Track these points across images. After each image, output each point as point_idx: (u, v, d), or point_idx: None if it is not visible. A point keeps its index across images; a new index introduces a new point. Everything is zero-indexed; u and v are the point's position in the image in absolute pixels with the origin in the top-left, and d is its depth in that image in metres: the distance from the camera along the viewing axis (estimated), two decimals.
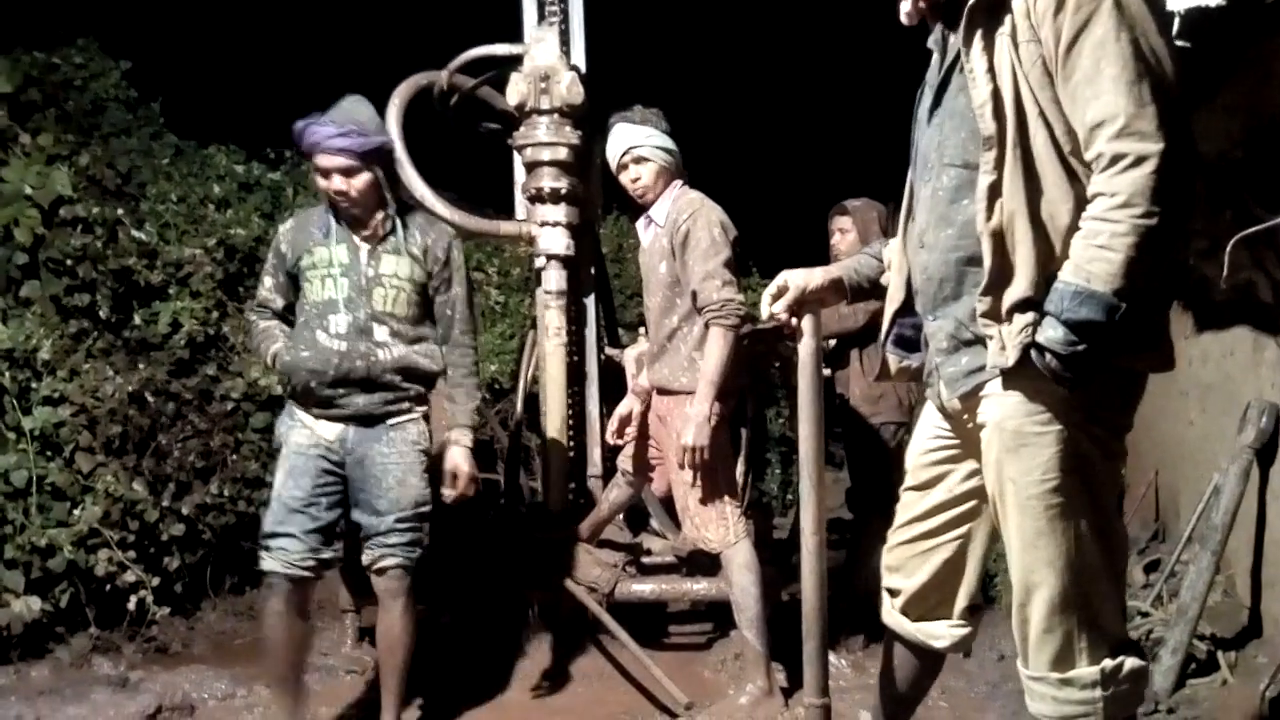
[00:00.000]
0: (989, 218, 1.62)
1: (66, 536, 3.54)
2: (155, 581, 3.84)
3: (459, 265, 2.92)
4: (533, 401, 4.30)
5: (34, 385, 3.70)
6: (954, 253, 1.74)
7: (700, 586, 3.54)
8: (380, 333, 2.80)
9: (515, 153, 3.86)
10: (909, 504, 2.02)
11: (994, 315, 1.64)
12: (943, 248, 1.76)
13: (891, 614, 2.08)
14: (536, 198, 3.72)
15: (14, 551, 3.42)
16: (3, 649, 3.40)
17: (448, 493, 2.89)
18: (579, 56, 3.89)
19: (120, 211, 4.39)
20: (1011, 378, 1.64)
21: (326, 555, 2.85)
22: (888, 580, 2.08)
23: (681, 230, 3.10)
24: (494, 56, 3.83)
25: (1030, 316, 1.59)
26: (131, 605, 3.75)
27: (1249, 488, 3.03)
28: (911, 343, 1.94)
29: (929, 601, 2.02)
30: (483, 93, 3.96)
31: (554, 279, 3.74)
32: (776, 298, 2.01)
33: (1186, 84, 1.58)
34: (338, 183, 2.73)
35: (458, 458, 2.89)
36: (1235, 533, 3.03)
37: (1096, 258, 1.52)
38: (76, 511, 3.63)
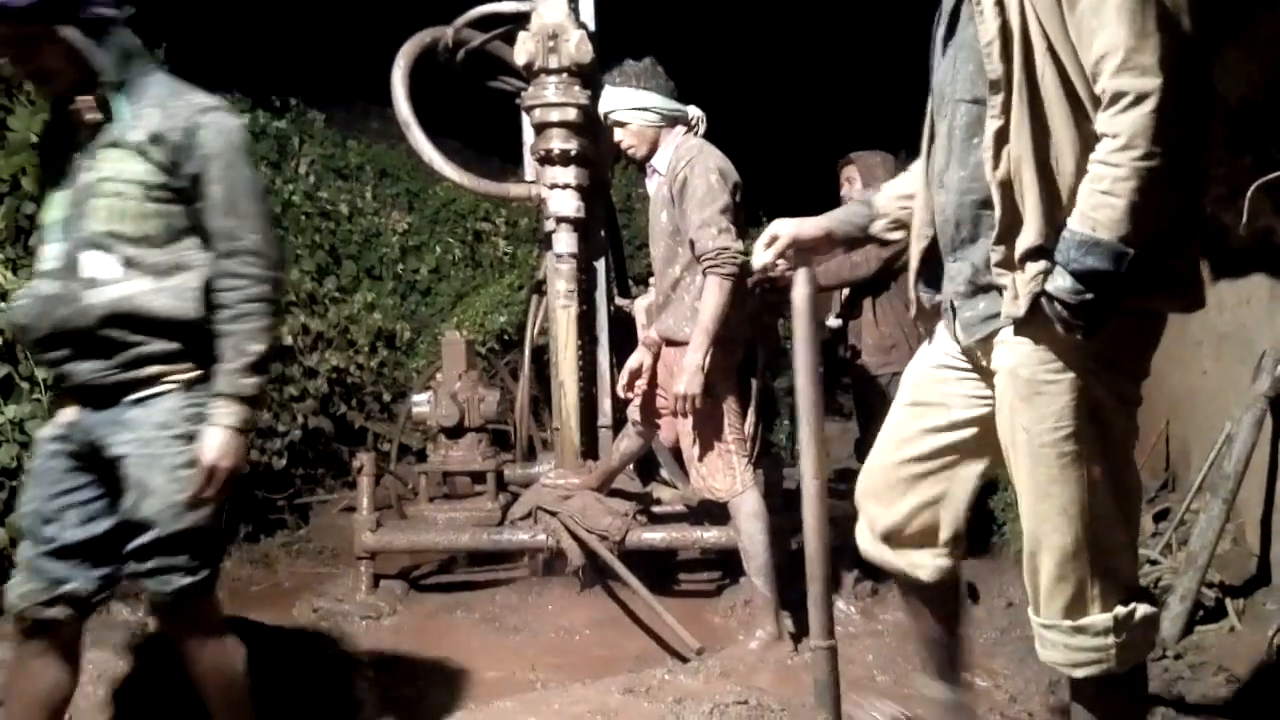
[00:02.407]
0: (996, 165, 1.58)
1: None
2: None
3: (218, 153, 1.96)
4: (540, 354, 4.31)
5: None
6: (968, 195, 1.70)
7: (710, 534, 3.56)
8: (95, 265, 1.94)
9: (524, 113, 3.81)
10: (901, 422, 1.96)
11: (1007, 264, 1.61)
12: (958, 189, 1.72)
13: (872, 543, 2.01)
14: (546, 159, 3.67)
15: None
16: None
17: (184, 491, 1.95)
18: (588, 14, 3.82)
19: None
20: (1025, 326, 1.62)
21: (78, 585, 1.98)
22: (867, 507, 2.00)
23: (679, 178, 3.06)
24: (501, 14, 3.77)
25: (1041, 265, 1.56)
26: None
27: (1262, 436, 3.02)
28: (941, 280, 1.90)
29: (910, 531, 1.95)
30: (496, 49, 3.91)
31: (564, 242, 3.70)
32: (768, 246, 2.03)
33: (1204, 12, 1.53)
34: (13, 59, 1.91)
35: (206, 443, 1.94)
36: (1246, 481, 3.02)
37: (1101, 204, 1.48)
38: None
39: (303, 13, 8.34)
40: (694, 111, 3.25)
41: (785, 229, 2.02)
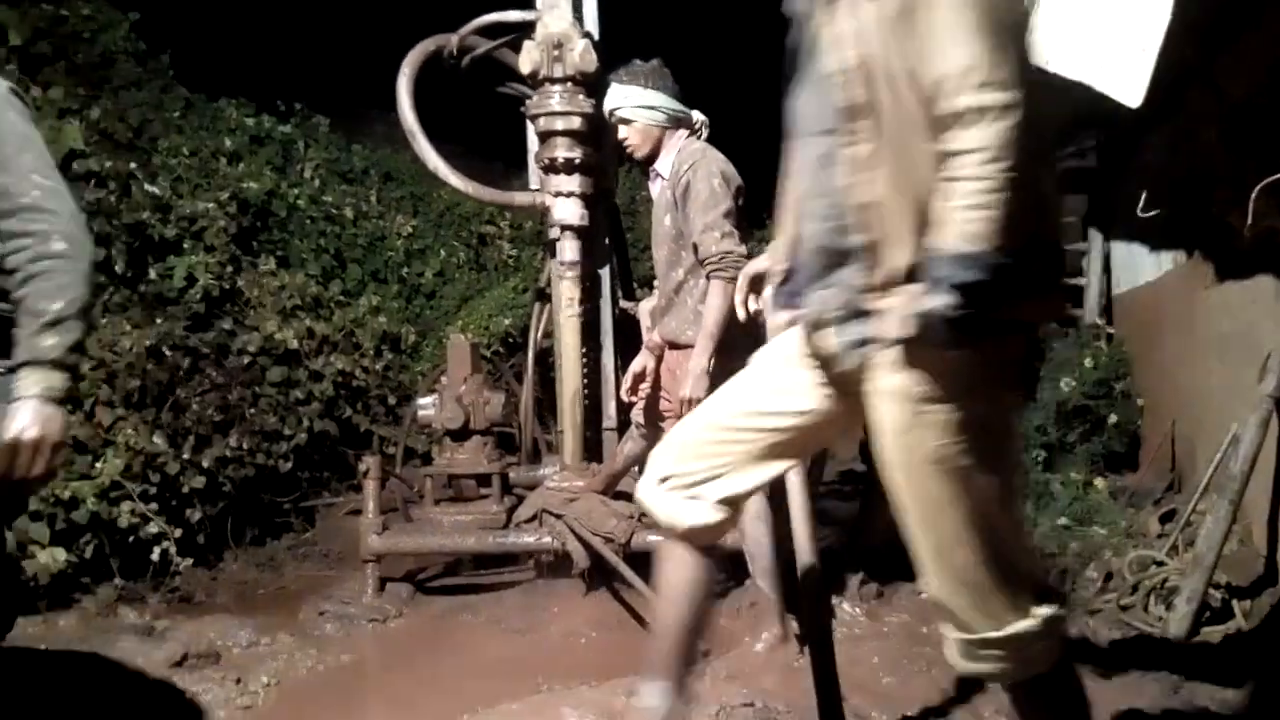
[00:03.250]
0: (859, 191, 1.58)
1: (89, 489, 3.59)
2: (177, 533, 3.91)
3: None
4: (544, 357, 4.31)
5: None
6: (829, 221, 1.68)
7: None
8: None
9: (529, 121, 3.83)
10: (751, 394, 1.92)
11: (882, 288, 1.60)
12: (820, 217, 1.71)
13: (660, 491, 2.00)
14: (550, 168, 3.69)
15: (38, 504, 3.47)
16: (30, 599, 3.47)
17: None
18: (592, 23, 3.83)
19: (133, 165, 4.39)
20: (909, 347, 1.59)
21: None
22: (676, 460, 1.98)
23: (682, 182, 3.07)
24: (506, 23, 3.79)
25: (918, 285, 1.55)
26: (155, 556, 3.82)
27: (1268, 437, 3.02)
28: (792, 307, 1.89)
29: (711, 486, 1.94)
30: (501, 55, 3.93)
31: (568, 250, 3.71)
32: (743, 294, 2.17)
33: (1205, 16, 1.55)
34: None
35: (17, 416, 1.71)
36: (1253, 482, 3.02)
37: (972, 218, 1.48)
38: (98, 464, 3.67)
39: (307, 18, 8.37)
40: (698, 116, 3.26)
41: (751, 267, 2.16)
